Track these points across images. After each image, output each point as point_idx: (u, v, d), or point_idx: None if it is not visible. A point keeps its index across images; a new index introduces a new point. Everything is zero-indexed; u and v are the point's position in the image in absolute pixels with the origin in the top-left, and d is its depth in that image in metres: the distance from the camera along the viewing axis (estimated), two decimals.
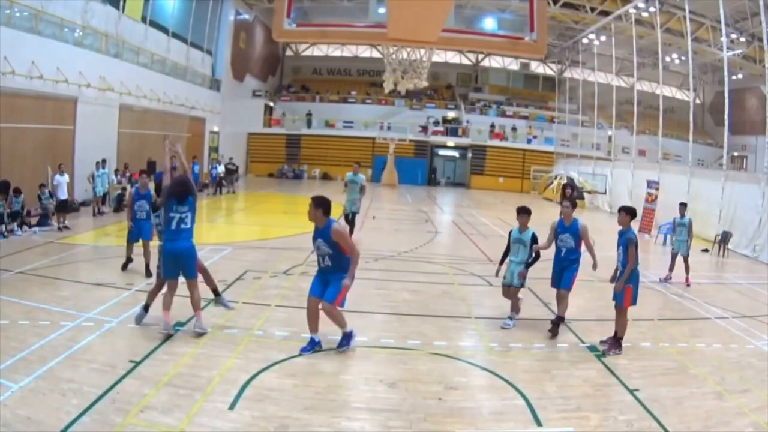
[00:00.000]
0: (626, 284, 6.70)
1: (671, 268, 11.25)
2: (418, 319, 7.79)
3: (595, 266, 7.36)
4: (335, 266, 6.03)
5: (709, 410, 5.31)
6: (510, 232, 7.81)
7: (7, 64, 14.08)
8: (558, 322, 7.32)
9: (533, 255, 7.53)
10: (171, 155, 6.97)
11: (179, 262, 6.49)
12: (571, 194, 20.33)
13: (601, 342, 6.96)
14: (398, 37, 5.86)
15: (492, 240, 15.76)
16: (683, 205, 11.90)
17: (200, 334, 6.40)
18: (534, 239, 7.55)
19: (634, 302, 6.81)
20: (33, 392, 4.83)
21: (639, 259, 6.87)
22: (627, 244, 6.71)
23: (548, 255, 7.71)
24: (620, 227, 6.94)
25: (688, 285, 10.90)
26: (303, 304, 6.68)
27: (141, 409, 4.67)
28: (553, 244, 7.58)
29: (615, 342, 6.76)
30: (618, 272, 6.93)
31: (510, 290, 7.69)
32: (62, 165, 14.62)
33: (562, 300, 7.36)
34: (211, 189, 24.71)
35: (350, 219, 13.22)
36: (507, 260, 7.78)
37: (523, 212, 7.66)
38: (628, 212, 6.91)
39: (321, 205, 5.91)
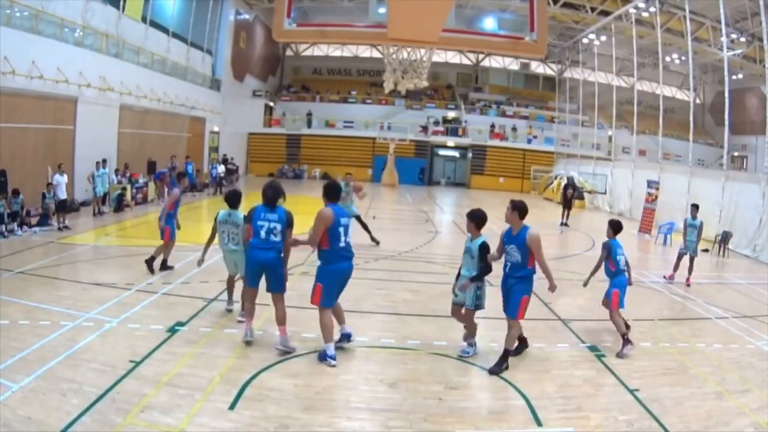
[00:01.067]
0: (613, 288, 7.06)
1: (676, 268, 11.23)
2: (418, 319, 7.79)
3: (552, 288, 6.12)
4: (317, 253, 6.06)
5: (710, 410, 5.31)
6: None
7: (7, 64, 14.08)
8: (505, 356, 6.05)
9: (484, 268, 6.19)
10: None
11: (265, 272, 6.22)
12: (572, 195, 20.54)
13: (618, 355, 6.71)
14: (398, 37, 5.86)
15: (492, 240, 15.74)
16: (695, 207, 11.53)
17: (285, 353, 6.07)
18: (483, 249, 6.17)
19: (621, 305, 7.01)
20: (33, 392, 4.83)
21: (625, 265, 7.17)
22: (602, 250, 7.24)
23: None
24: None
25: (688, 285, 10.91)
26: (303, 303, 6.69)
27: (141, 409, 4.68)
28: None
29: (624, 341, 6.81)
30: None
31: (463, 312, 6.37)
32: (62, 165, 14.62)
33: (509, 329, 6.11)
34: (211, 189, 24.72)
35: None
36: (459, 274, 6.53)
37: (470, 217, 6.32)
38: (611, 225, 7.36)
39: (324, 189, 6.07)
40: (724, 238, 15.75)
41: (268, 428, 4.54)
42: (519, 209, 6.06)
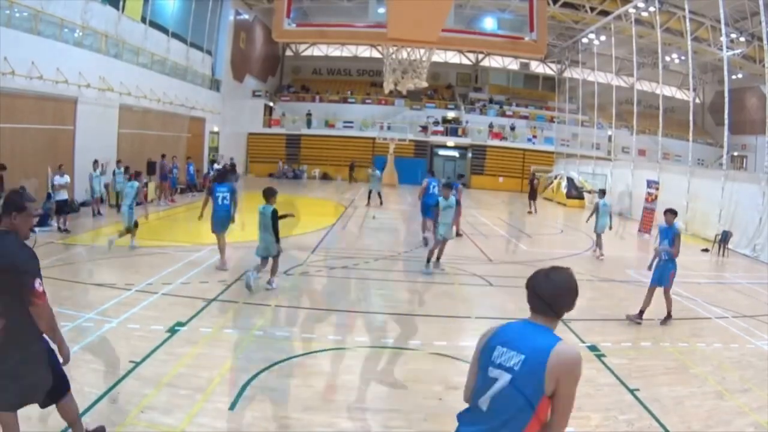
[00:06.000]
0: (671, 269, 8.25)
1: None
2: (418, 319, 7.78)
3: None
4: None
5: (710, 410, 5.31)
6: None
7: (7, 64, 14.07)
8: None
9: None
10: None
11: None
12: (536, 185, 22.79)
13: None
14: (398, 37, 5.84)
15: (492, 240, 15.77)
16: (602, 192, 14.67)
17: None
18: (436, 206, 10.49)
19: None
20: None
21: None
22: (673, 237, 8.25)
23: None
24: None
25: (598, 258, 13.09)
26: (303, 304, 6.70)
27: (141, 409, 4.67)
28: None
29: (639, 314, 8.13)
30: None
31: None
32: (62, 166, 14.61)
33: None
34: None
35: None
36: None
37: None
38: (674, 213, 8.47)
39: None
40: (724, 237, 15.74)
41: (268, 428, 4.54)
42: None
